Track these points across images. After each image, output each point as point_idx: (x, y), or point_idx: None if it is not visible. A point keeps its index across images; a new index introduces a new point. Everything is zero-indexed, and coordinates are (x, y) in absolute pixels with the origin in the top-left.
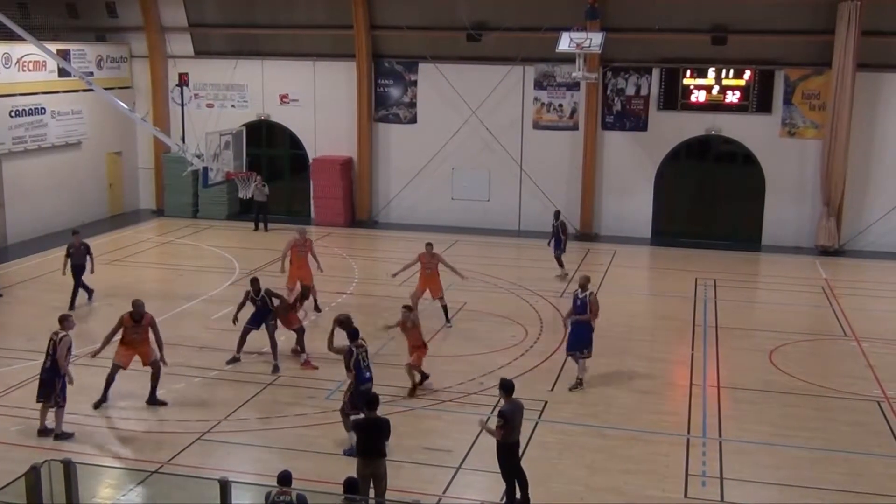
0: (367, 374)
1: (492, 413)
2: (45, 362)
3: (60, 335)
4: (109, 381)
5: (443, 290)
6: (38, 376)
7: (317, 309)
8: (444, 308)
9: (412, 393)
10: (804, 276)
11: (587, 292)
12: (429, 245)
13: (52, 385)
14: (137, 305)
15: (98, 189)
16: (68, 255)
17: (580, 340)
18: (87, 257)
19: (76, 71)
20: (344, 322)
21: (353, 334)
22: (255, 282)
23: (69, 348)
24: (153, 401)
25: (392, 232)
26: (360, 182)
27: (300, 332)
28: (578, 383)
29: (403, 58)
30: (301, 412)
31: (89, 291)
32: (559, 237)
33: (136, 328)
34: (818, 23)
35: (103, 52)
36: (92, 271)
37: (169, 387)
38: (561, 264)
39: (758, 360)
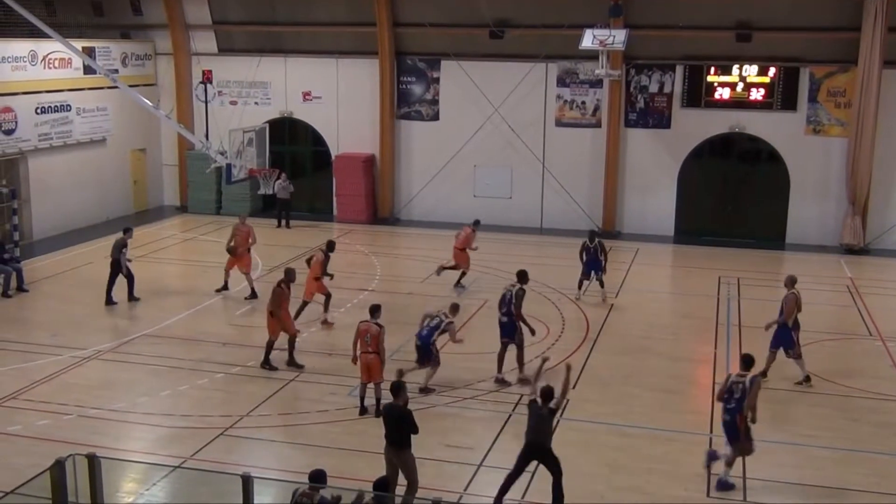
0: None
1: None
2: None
3: (446, 321)
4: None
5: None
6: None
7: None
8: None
9: None
10: (829, 275)
11: (790, 291)
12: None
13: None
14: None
15: (122, 186)
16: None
17: (778, 339)
18: (123, 251)
19: (101, 68)
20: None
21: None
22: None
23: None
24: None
25: (414, 229)
26: (383, 179)
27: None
28: (805, 379)
29: (426, 55)
30: (323, 408)
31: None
32: (597, 260)
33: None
34: (844, 19)
35: (128, 50)
36: (130, 261)
37: (192, 382)
38: (602, 284)
39: (781, 359)
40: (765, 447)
